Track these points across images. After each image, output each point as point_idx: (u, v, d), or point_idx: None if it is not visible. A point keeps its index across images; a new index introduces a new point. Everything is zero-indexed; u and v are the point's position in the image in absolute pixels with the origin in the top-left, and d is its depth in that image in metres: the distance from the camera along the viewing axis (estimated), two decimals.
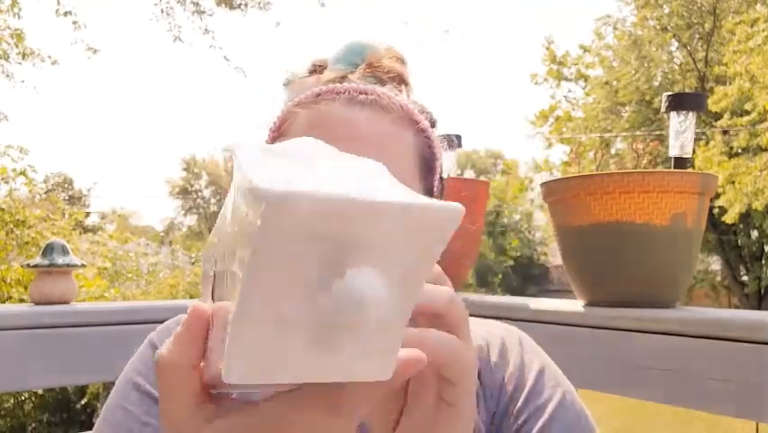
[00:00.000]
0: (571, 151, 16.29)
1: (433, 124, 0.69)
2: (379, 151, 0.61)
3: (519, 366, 0.66)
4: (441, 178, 0.70)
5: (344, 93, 0.64)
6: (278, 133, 0.67)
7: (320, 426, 0.33)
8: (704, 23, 13.67)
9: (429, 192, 0.68)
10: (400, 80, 0.71)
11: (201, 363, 0.36)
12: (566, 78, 17.01)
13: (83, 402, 6.72)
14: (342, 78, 0.68)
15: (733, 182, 11.06)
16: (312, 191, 0.27)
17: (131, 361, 0.68)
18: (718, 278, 16.05)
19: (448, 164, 1.45)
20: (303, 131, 0.63)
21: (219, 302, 0.34)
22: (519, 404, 0.63)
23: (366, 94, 0.64)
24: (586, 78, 16.65)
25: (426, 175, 0.67)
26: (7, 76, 7.54)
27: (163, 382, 0.36)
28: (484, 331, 0.71)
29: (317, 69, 0.74)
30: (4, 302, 5.56)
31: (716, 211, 11.67)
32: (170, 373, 0.35)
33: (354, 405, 0.33)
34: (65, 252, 1.36)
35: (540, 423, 0.61)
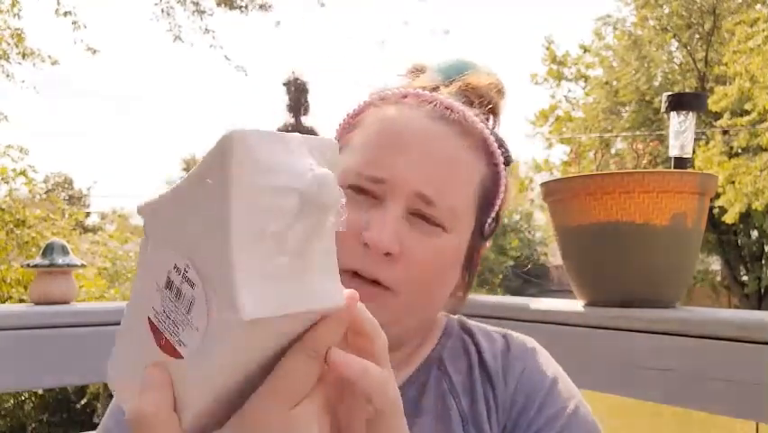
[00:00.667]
0: (571, 151, 16.28)
1: (507, 162, 0.68)
2: (445, 170, 0.61)
3: (532, 377, 0.66)
4: (497, 216, 0.69)
5: (431, 103, 0.64)
6: (355, 120, 0.68)
7: (306, 372, 0.37)
8: (704, 23, 13.67)
9: (480, 228, 0.66)
10: (491, 109, 0.70)
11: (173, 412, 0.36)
12: (566, 78, 17.00)
13: (83, 402, 6.72)
14: (434, 89, 0.68)
15: (733, 182, 11.06)
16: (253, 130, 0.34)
17: None
18: (718, 278, 16.04)
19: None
20: (380, 126, 0.64)
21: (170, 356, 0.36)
22: (531, 415, 0.63)
23: (451, 111, 0.64)
24: (586, 78, 16.64)
25: (484, 209, 0.66)
26: (7, 76, 7.53)
27: None
28: (500, 342, 0.70)
29: (416, 71, 0.74)
30: (4, 302, 5.56)
31: (716, 211, 11.66)
32: (148, 422, 0.35)
33: (324, 344, 0.38)
34: (65, 252, 1.36)
35: None
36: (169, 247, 0.36)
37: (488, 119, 0.69)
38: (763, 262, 14.01)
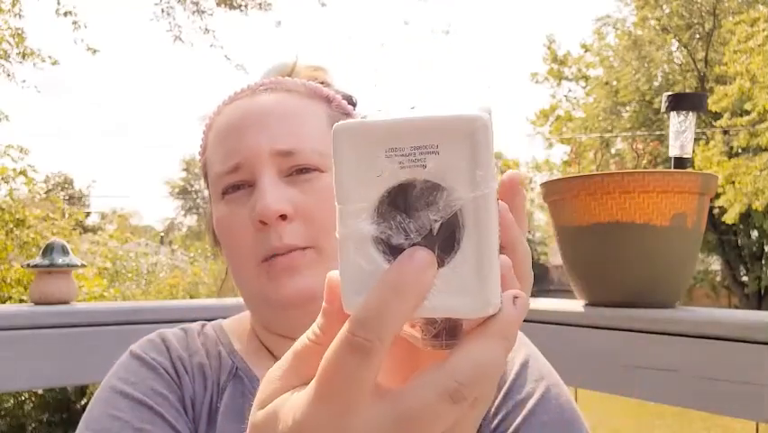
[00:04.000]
0: (571, 151, 16.29)
1: (350, 101, 0.72)
2: (287, 122, 0.64)
3: None
4: None
5: (247, 89, 0.69)
6: (204, 145, 0.71)
7: None
8: (704, 23, 13.67)
9: None
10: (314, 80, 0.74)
11: None
12: (567, 78, 17.02)
13: (83, 402, 6.72)
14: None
15: (733, 182, 11.07)
16: None
17: (111, 372, 0.68)
18: (718, 278, 16.05)
19: None
20: (216, 131, 0.68)
21: None
22: (498, 401, 0.61)
23: (265, 84, 0.69)
24: (586, 78, 16.65)
25: None
26: (8, 75, 7.53)
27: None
28: None
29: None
30: (4, 302, 5.56)
31: (716, 211, 11.67)
32: None
33: None
34: (65, 252, 1.36)
35: (518, 419, 0.59)
36: None
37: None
38: (763, 262, 14.01)
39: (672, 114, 1.18)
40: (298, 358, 0.33)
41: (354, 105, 0.73)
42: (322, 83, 0.73)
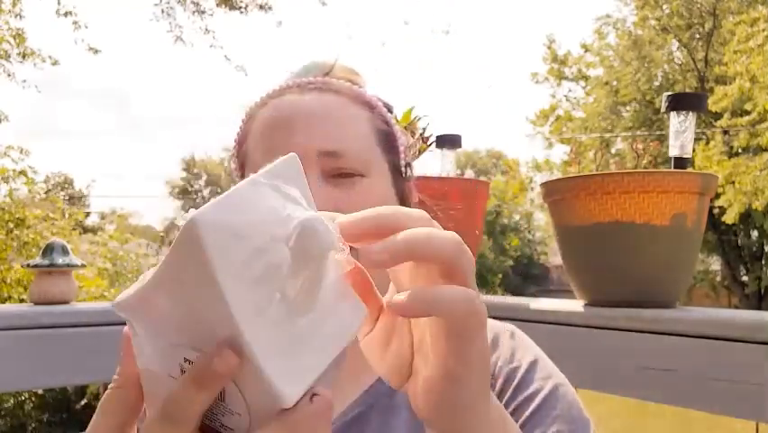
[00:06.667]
0: (571, 151, 16.29)
1: (388, 108, 0.72)
2: (334, 123, 0.64)
3: (510, 359, 0.66)
4: (408, 164, 0.72)
5: (294, 86, 0.69)
6: (243, 136, 0.71)
7: None
8: (704, 23, 13.67)
9: (396, 169, 0.69)
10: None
11: None
12: (567, 78, 17.00)
13: (83, 402, 6.73)
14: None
15: (733, 182, 11.06)
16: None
17: None
18: (718, 278, 16.04)
19: (447, 165, 1.44)
20: (260, 123, 0.67)
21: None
22: (508, 396, 0.62)
23: (314, 83, 0.68)
24: (586, 78, 16.64)
25: (389, 150, 0.69)
26: (8, 75, 7.54)
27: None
28: None
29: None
30: (4, 302, 5.57)
31: (716, 211, 11.66)
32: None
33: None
34: (65, 252, 1.36)
35: (527, 413, 0.60)
36: (170, 340, 0.34)
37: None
38: (763, 262, 14.01)
39: (672, 114, 1.18)
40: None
41: (391, 113, 0.73)
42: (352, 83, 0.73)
